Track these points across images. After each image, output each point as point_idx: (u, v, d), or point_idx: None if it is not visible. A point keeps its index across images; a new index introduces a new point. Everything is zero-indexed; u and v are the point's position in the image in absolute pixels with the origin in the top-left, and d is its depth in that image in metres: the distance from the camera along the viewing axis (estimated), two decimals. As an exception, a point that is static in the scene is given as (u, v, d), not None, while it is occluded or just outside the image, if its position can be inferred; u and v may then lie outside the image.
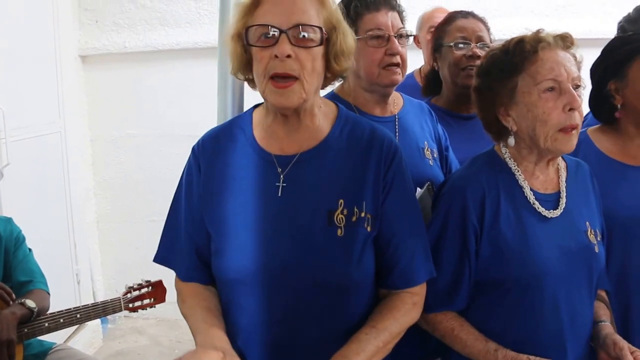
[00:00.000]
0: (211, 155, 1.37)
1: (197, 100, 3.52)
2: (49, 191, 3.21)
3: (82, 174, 3.64)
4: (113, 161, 3.82)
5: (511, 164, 1.47)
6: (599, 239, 1.49)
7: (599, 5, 3.57)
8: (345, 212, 1.28)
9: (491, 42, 2.03)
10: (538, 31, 1.44)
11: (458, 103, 2.04)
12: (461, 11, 2.10)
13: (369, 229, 1.29)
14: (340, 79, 1.73)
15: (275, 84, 1.25)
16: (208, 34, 3.51)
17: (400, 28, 1.70)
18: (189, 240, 1.37)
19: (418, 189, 1.63)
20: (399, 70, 1.69)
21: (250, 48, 1.28)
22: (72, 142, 3.40)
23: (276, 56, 1.23)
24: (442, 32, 2.03)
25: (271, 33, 1.24)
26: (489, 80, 1.47)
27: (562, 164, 1.52)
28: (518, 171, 1.46)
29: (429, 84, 2.15)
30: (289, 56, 1.23)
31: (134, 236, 3.81)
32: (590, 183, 1.56)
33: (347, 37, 1.32)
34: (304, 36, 1.24)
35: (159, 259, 1.43)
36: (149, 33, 3.66)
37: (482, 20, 2.05)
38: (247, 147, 1.35)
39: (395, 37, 1.68)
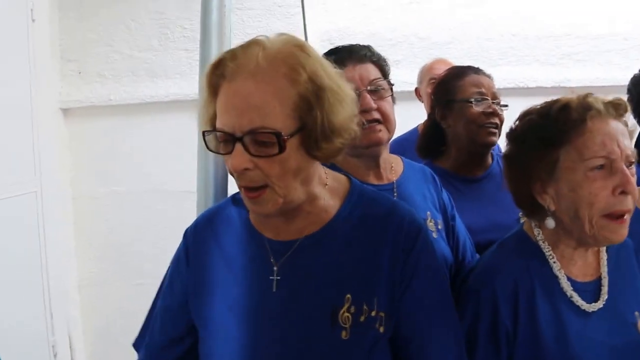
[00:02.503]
0: (204, 242, 1.21)
1: (188, 154, 3.28)
2: (23, 257, 2.96)
3: (62, 235, 3.39)
4: (97, 220, 3.56)
5: (545, 248, 1.26)
6: None
7: (603, 54, 3.48)
8: (352, 309, 1.08)
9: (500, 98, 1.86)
10: (586, 95, 1.22)
11: (469, 164, 1.87)
12: (469, 66, 1.96)
13: (381, 330, 1.09)
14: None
15: (247, 195, 1.08)
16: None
17: (374, 79, 1.49)
18: (162, 332, 1.23)
19: None
20: (380, 127, 1.48)
21: None
22: (50, 202, 3.16)
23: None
24: (453, 86, 1.86)
25: (226, 140, 1.05)
26: (524, 149, 1.27)
27: None
28: (553, 257, 1.25)
29: (429, 144, 1.96)
30: (246, 168, 1.04)
31: (119, 300, 3.52)
32: (636, 263, 1.34)
33: (335, 107, 1.06)
34: (262, 142, 1.02)
35: (136, 345, 1.29)
36: (135, 84, 3.46)
37: (490, 77, 1.90)
38: (242, 231, 1.19)
39: (369, 90, 1.47)
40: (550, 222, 1.25)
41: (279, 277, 1.12)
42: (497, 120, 1.84)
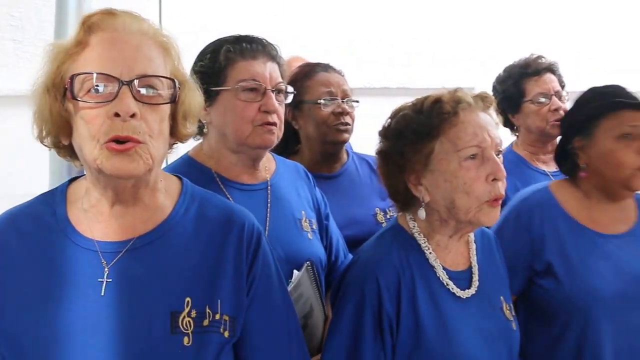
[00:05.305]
0: (4, 247, 1.07)
1: (18, 153, 2.93)
2: None
3: None
4: None
5: (421, 239, 1.32)
6: (514, 314, 1.40)
7: (445, 56, 3.75)
8: (193, 314, 1.04)
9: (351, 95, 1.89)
10: (456, 90, 1.30)
11: (323, 162, 1.88)
12: (319, 64, 1.96)
13: (226, 334, 1.07)
14: (198, 138, 1.47)
15: (114, 147, 0.98)
16: (29, 81, 3.01)
17: (279, 82, 1.48)
18: None
19: (295, 271, 1.42)
20: (275, 129, 1.45)
21: (71, 104, 1.02)
22: None
23: (116, 115, 0.98)
24: (301, 87, 1.84)
25: (106, 85, 0.99)
26: (399, 143, 1.30)
27: (470, 236, 1.37)
28: (428, 248, 1.31)
29: (283, 142, 1.93)
30: (133, 115, 0.98)
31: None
32: (497, 253, 1.46)
33: (196, 95, 1.12)
34: (150, 91, 1.02)
35: None
36: (-44, 76, 3.09)
37: (341, 73, 1.92)
38: (58, 233, 1.07)
39: (272, 91, 1.44)
40: (421, 213, 1.30)
41: (109, 280, 1.03)
42: (348, 119, 1.85)
